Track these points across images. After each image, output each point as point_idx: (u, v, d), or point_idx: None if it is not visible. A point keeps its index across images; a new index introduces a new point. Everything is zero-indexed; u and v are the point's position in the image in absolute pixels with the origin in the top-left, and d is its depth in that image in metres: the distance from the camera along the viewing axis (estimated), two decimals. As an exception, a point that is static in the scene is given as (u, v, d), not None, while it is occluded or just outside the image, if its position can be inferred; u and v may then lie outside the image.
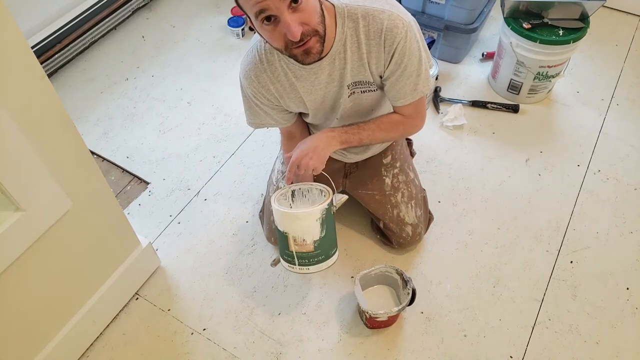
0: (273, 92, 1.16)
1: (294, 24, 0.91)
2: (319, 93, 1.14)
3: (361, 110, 1.21)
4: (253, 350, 1.34)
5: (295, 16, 0.91)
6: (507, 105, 1.88)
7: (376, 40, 1.04)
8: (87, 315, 1.28)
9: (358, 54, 1.07)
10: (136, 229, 1.35)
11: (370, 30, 1.04)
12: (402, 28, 1.03)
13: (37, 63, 0.90)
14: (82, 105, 1.94)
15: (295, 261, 1.15)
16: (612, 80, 1.98)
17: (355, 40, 1.05)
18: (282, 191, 1.17)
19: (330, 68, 1.09)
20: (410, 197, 1.42)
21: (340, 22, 1.03)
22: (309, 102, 1.17)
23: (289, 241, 1.13)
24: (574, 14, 1.69)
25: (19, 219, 0.97)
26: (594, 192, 1.64)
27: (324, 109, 1.21)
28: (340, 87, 1.13)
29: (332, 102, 1.18)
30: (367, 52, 1.06)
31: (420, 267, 1.48)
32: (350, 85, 1.12)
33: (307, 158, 1.13)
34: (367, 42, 1.05)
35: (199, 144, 1.82)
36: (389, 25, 1.02)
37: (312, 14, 0.94)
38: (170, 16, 2.30)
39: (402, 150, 1.45)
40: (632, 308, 1.39)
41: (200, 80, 2.04)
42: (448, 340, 1.34)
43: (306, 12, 0.92)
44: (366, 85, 1.13)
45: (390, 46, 1.04)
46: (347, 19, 1.03)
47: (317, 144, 1.14)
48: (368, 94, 1.15)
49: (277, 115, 1.23)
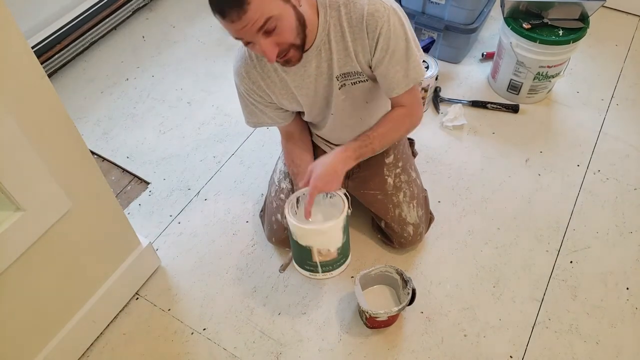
0: (264, 88, 1.16)
1: (268, 48, 0.96)
2: (310, 87, 1.14)
3: (355, 103, 1.20)
4: (253, 350, 1.34)
5: (270, 40, 0.96)
6: (507, 106, 1.88)
7: (359, 27, 1.04)
8: (87, 315, 1.28)
9: (343, 43, 1.07)
10: (136, 229, 1.35)
11: (352, 17, 1.03)
12: (383, 12, 1.02)
13: (37, 63, 0.90)
14: (82, 105, 1.95)
15: (319, 269, 1.15)
16: (612, 80, 1.98)
17: (339, 29, 1.05)
18: (290, 202, 1.14)
19: (317, 60, 1.09)
20: (412, 196, 1.42)
21: (322, 12, 1.03)
22: (301, 98, 1.17)
23: (312, 253, 1.12)
24: (573, 14, 1.69)
25: (19, 219, 0.97)
26: (594, 192, 1.64)
27: (318, 104, 1.20)
28: (330, 80, 1.13)
29: (325, 96, 1.18)
30: (352, 40, 1.06)
31: (420, 267, 1.48)
32: (340, 77, 1.12)
33: (328, 185, 1.09)
34: (351, 30, 1.05)
35: (199, 144, 1.82)
36: (369, 10, 1.02)
37: (286, 33, 0.97)
38: (170, 16, 2.30)
39: (405, 150, 1.45)
40: (632, 308, 1.39)
41: (200, 80, 2.04)
42: (448, 340, 1.34)
43: (280, 35, 0.96)
44: (355, 76, 1.12)
45: (374, 32, 1.03)
46: (329, 8, 1.04)
47: (335, 168, 1.10)
48: (359, 85, 1.15)
49: (273, 113, 1.23)
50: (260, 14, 0.92)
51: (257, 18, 0.92)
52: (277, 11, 0.93)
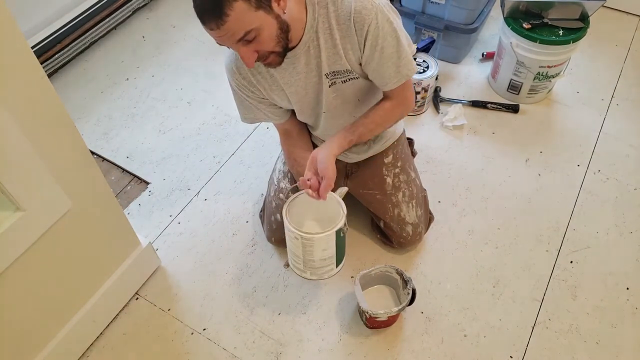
0: (255, 83, 1.16)
1: (247, 55, 0.98)
2: (299, 84, 1.14)
3: (347, 101, 1.20)
4: (253, 350, 1.34)
5: (249, 47, 0.97)
6: (507, 105, 1.88)
7: (347, 25, 1.04)
8: (87, 315, 1.28)
9: (332, 41, 1.06)
10: (136, 229, 1.35)
11: (340, 14, 1.03)
12: (371, 9, 1.01)
13: (37, 63, 0.90)
14: (82, 105, 1.94)
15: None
16: (612, 80, 1.98)
17: (327, 26, 1.05)
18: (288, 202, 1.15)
19: (306, 57, 1.09)
20: (411, 196, 1.42)
21: (310, 9, 1.03)
22: (290, 95, 1.17)
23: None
24: (574, 14, 1.69)
25: (19, 219, 0.97)
26: (594, 192, 1.64)
27: (308, 102, 1.20)
28: (319, 78, 1.12)
29: (315, 95, 1.17)
30: (341, 37, 1.06)
31: (420, 267, 1.48)
32: (329, 75, 1.12)
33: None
34: (339, 28, 1.05)
35: (199, 144, 1.82)
36: (357, 7, 1.01)
37: (266, 43, 0.98)
38: (170, 16, 2.30)
39: (404, 150, 1.45)
40: (632, 308, 1.39)
41: (200, 80, 2.04)
42: (448, 340, 1.34)
43: (260, 44, 0.97)
44: (345, 74, 1.12)
45: (361, 29, 1.03)
46: (318, 5, 1.03)
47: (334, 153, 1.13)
48: (349, 82, 1.14)
49: (267, 109, 1.23)
50: (239, 27, 0.92)
51: (236, 30, 0.92)
52: (257, 23, 0.93)
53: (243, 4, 0.90)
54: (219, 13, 0.89)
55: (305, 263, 1.16)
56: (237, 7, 0.89)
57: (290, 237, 1.14)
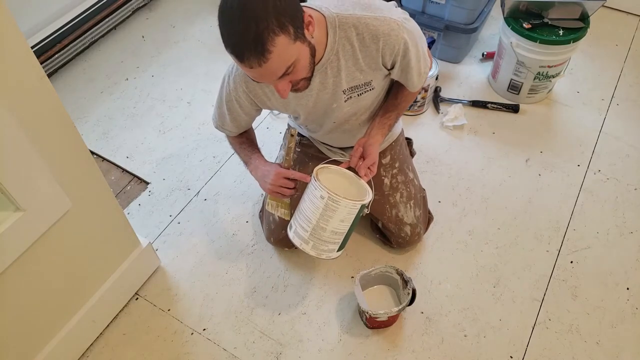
0: (260, 94, 1.14)
1: (284, 88, 0.94)
2: (309, 99, 1.13)
3: (359, 111, 1.21)
4: (253, 350, 1.34)
5: (286, 79, 0.93)
6: (507, 105, 1.88)
7: (374, 47, 1.03)
8: (87, 315, 1.28)
9: (353, 60, 1.06)
10: (136, 229, 1.35)
11: (365, 37, 1.02)
12: (398, 31, 1.01)
13: (37, 63, 0.90)
14: (82, 105, 1.94)
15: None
16: (612, 80, 1.98)
17: (350, 48, 1.04)
18: (317, 168, 1.10)
19: (321, 76, 1.08)
20: (409, 197, 1.42)
21: (332, 32, 1.01)
22: (299, 107, 1.16)
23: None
24: (574, 14, 1.69)
25: (19, 219, 0.97)
26: (594, 192, 1.64)
27: (316, 114, 1.20)
28: (334, 94, 1.12)
29: (324, 108, 1.17)
30: (363, 57, 1.05)
31: (420, 267, 1.48)
32: (347, 91, 1.12)
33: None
34: (363, 49, 1.04)
35: (199, 144, 1.82)
36: (384, 31, 1.01)
37: (301, 72, 0.94)
38: (170, 16, 2.30)
39: (402, 151, 1.45)
40: (632, 308, 1.39)
41: (200, 80, 2.04)
42: (448, 340, 1.34)
43: (295, 74, 0.93)
44: (363, 88, 1.13)
45: (392, 52, 1.04)
46: (339, 29, 1.02)
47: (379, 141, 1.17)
48: (365, 94, 1.15)
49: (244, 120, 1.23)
50: (282, 63, 0.87)
51: (278, 67, 0.87)
52: (296, 55, 0.89)
53: (285, 38, 0.84)
54: (261, 49, 0.83)
55: (314, 231, 1.07)
56: (278, 43, 0.84)
57: (311, 197, 1.05)
